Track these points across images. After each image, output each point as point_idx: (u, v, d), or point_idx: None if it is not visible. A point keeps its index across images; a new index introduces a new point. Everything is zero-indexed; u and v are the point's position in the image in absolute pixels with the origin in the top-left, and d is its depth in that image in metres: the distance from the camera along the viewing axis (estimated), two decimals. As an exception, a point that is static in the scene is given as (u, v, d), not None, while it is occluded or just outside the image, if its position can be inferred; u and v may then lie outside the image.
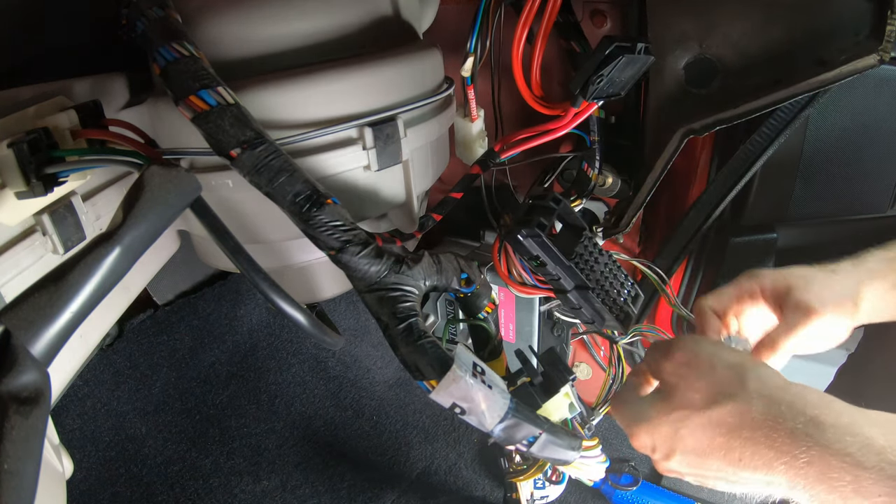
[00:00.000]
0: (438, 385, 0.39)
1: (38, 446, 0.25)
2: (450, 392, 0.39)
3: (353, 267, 0.42)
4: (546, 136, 0.63)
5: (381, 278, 0.43)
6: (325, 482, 1.18)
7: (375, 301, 0.43)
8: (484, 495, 1.26)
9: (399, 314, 0.42)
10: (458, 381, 0.39)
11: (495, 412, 0.40)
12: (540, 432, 0.41)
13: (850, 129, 0.72)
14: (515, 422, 0.40)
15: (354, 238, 0.43)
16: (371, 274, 0.43)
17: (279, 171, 0.42)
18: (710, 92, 0.57)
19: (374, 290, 0.43)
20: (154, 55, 0.43)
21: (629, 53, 0.55)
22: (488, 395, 0.39)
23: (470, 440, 1.37)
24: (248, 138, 0.41)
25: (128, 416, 1.04)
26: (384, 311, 0.43)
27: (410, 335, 0.41)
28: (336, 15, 0.54)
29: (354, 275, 0.43)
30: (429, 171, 0.65)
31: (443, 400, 0.39)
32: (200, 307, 1.13)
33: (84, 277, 0.29)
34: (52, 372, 0.27)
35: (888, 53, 0.45)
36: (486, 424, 0.40)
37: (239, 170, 0.42)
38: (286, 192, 0.42)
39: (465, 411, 0.39)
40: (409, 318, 0.42)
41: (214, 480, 1.10)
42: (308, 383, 1.26)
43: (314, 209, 0.42)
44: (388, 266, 0.43)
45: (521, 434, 0.41)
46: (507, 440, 0.41)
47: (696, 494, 1.13)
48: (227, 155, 0.42)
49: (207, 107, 0.41)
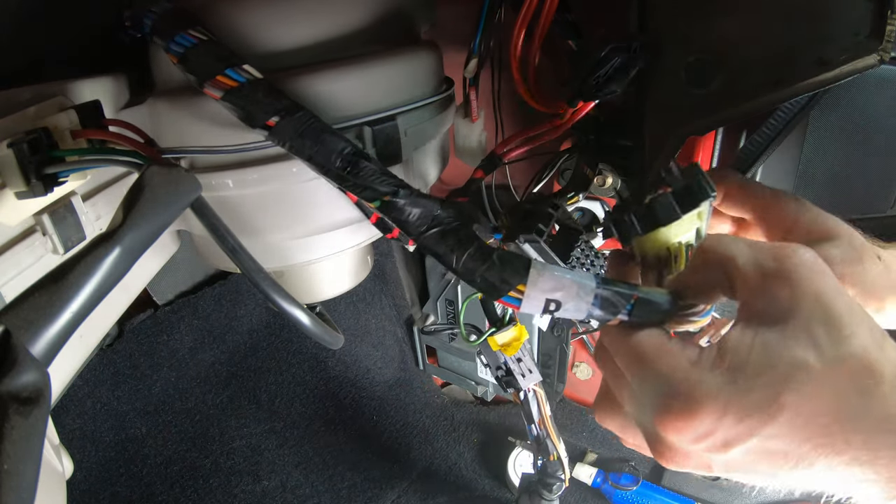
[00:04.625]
0: (527, 286, 0.38)
1: (38, 446, 0.25)
2: (540, 288, 0.38)
3: (409, 209, 0.42)
4: (547, 135, 0.64)
5: (436, 214, 0.43)
6: (325, 482, 1.19)
7: (437, 237, 0.42)
8: (484, 495, 1.27)
9: (464, 241, 0.42)
10: (543, 272, 0.38)
11: (587, 291, 0.38)
12: (634, 296, 0.38)
13: (850, 129, 0.72)
14: (610, 293, 0.38)
15: (402, 182, 0.43)
16: (425, 213, 0.43)
17: (321, 131, 0.42)
18: (710, 92, 0.57)
19: (434, 226, 0.43)
20: (170, 45, 0.43)
21: (625, 53, 0.55)
22: (574, 277, 0.38)
23: (470, 440, 1.37)
24: (284, 106, 0.42)
25: (128, 416, 1.04)
26: (449, 244, 0.42)
27: (483, 254, 0.41)
28: (336, 15, 0.54)
29: (410, 217, 0.43)
30: (429, 171, 0.65)
31: (536, 300, 0.38)
32: (200, 307, 1.13)
33: (84, 277, 0.29)
34: (52, 372, 0.27)
35: (888, 53, 0.45)
36: (585, 307, 0.38)
37: (278, 138, 0.43)
38: (332, 151, 0.42)
39: (561, 303, 0.38)
40: (475, 241, 0.42)
41: (214, 480, 1.10)
42: (308, 383, 1.26)
43: (363, 161, 0.42)
44: (437, 204, 0.43)
45: (620, 304, 0.38)
46: (607, 316, 0.38)
47: (697, 494, 1.13)
48: (263, 125, 0.42)
49: (236, 83, 0.42)
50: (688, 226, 0.44)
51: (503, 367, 0.65)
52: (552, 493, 0.82)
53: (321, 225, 0.56)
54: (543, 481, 0.80)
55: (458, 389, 1.44)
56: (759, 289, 0.32)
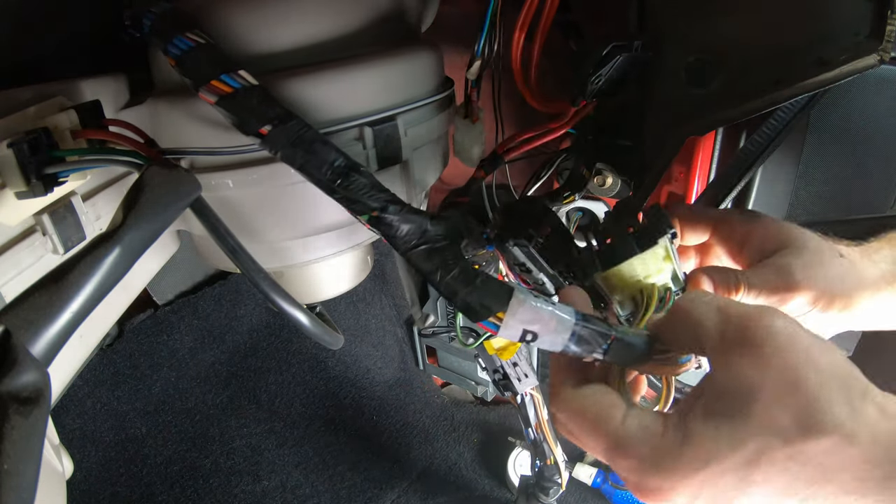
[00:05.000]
0: (506, 315, 0.38)
1: (38, 446, 0.25)
2: (518, 318, 0.38)
3: (397, 225, 0.43)
4: (548, 135, 0.64)
5: (424, 231, 0.43)
6: (325, 482, 1.19)
7: (424, 255, 0.43)
8: (484, 495, 1.26)
9: (450, 261, 0.42)
10: (523, 303, 0.38)
11: (565, 327, 0.38)
12: (612, 336, 0.39)
13: (850, 129, 0.72)
14: (588, 332, 0.38)
15: (393, 197, 0.43)
16: (414, 229, 0.43)
17: (313, 142, 0.42)
18: (710, 92, 0.57)
19: (421, 243, 0.43)
20: (167, 47, 0.43)
21: (626, 52, 0.55)
22: (554, 311, 0.38)
23: (470, 440, 1.37)
24: (277, 114, 0.42)
25: (128, 416, 1.04)
26: (435, 263, 0.42)
27: (467, 276, 0.41)
28: (336, 14, 0.54)
29: (398, 234, 0.43)
30: (429, 171, 0.65)
31: (513, 329, 0.39)
32: (200, 307, 1.13)
33: (84, 277, 0.29)
34: (52, 372, 0.27)
35: (888, 53, 0.45)
36: (560, 341, 0.38)
37: (270, 146, 0.43)
38: (323, 162, 0.42)
39: (537, 335, 0.38)
40: (460, 262, 0.42)
41: (214, 480, 1.10)
42: (308, 383, 1.26)
43: (353, 174, 0.42)
44: (427, 221, 0.44)
45: (596, 343, 0.39)
46: (583, 353, 0.39)
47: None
48: (256, 133, 0.42)
49: (231, 89, 0.42)
50: (655, 265, 0.45)
51: (500, 371, 0.65)
52: (549, 497, 0.82)
53: (321, 225, 0.56)
54: (541, 485, 0.80)
55: (458, 389, 1.44)
56: (724, 364, 0.31)
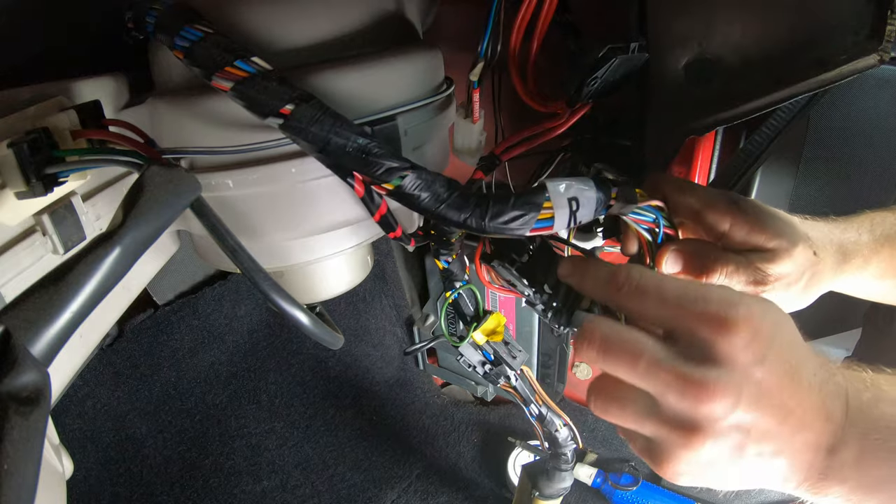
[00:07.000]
0: (551, 197, 0.43)
1: (38, 446, 0.25)
2: (561, 194, 0.43)
3: (430, 181, 0.44)
4: (546, 135, 0.64)
5: (451, 182, 0.45)
6: (325, 482, 1.19)
7: (458, 203, 0.44)
8: (484, 495, 1.26)
9: (481, 201, 0.44)
10: (554, 182, 0.43)
11: (587, 183, 0.44)
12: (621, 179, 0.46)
13: (850, 129, 0.72)
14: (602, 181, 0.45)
15: (412, 163, 0.44)
16: (443, 182, 0.45)
17: (336, 118, 0.42)
18: (710, 92, 0.57)
19: (453, 192, 0.44)
20: (175, 41, 0.43)
21: (623, 54, 0.55)
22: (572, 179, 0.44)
23: (470, 440, 1.37)
24: (299, 94, 0.42)
25: (128, 416, 1.04)
26: (471, 206, 0.44)
27: (502, 201, 0.44)
28: (336, 15, 0.54)
29: (432, 188, 0.44)
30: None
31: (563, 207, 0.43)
32: (200, 307, 1.13)
33: (84, 277, 0.29)
34: (52, 372, 0.27)
35: (888, 53, 0.45)
36: (593, 196, 0.44)
37: (292, 128, 0.42)
38: (348, 137, 0.42)
39: (578, 199, 0.43)
40: (490, 197, 0.44)
41: (214, 480, 1.10)
42: (308, 383, 1.26)
43: (374, 146, 0.43)
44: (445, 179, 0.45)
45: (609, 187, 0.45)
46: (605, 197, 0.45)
47: (697, 495, 1.13)
48: (276, 113, 0.42)
49: (247, 73, 0.41)
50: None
51: (488, 361, 0.66)
52: (570, 462, 0.80)
53: (321, 225, 0.56)
54: (556, 453, 0.78)
55: (458, 389, 1.44)
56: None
